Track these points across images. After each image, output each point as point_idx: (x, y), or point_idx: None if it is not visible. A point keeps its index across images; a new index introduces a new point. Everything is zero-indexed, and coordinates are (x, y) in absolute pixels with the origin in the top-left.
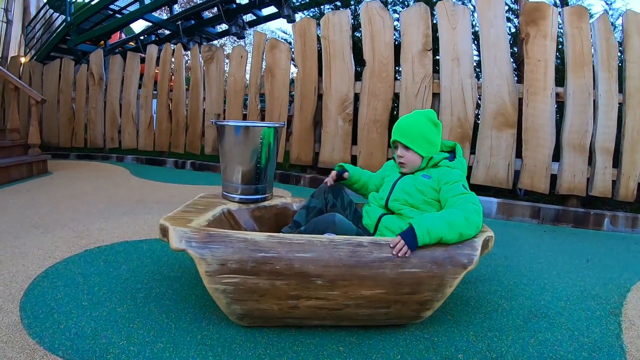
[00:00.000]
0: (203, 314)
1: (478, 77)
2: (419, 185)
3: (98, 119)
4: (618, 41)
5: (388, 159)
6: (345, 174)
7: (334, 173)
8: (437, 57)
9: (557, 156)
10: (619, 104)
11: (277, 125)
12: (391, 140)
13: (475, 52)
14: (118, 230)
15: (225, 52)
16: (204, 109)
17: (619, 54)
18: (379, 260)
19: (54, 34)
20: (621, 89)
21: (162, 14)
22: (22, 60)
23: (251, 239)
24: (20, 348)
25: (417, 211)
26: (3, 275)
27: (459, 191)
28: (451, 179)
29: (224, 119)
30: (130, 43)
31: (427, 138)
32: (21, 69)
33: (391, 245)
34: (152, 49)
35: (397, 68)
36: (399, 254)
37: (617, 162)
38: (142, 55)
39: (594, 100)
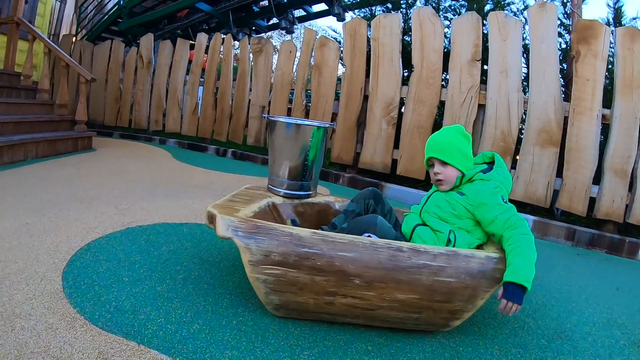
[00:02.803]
0: (239, 300)
1: (525, 92)
2: (450, 199)
3: (144, 101)
4: None
5: None
6: None
7: None
8: (485, 68)
9: (597, 179)
10: None
11: (327, 125)
12: (426, 158)
13: (524, 66)
14: (160, 211)
15: (273, 46)
16: (249, 100)
17: None
18: (416, 267)
19: (106, 16)
20: None
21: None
22: (74, 39)
23: (296, 234)
24: (62, 316)
25: (444, 224)
26: (47, 245)
27: (502, 210)
28: (486, 194)
29: (269, 111)
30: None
31: (462, 151)
32: (72, 48)
33: (500, 308)
34: (202, 37)
35: (444, 75)
36: (510, 314)
37: None
38: (192, 42)
39: None
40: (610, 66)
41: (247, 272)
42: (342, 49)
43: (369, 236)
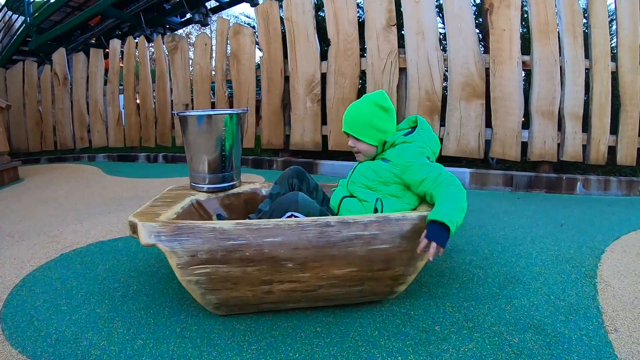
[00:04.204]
0: (181, 306)
1: (444, 50)
2: (375, 167)
3: (66, 119)
4: (583, 8)
5: None
6: None
7: None
8: (402, 32)
9: (526, 124)
10: (586, 69)
11: (239, 111)
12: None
13: (440, 25)
14: (93, 230)
15: (189, 41)
16: (172, 100)
17: (583, 20)
18: (347, 239)
19: (15, 37)
20: (587, 55)
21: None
22: None
23: (219, 227)
24: (4, 359)
25: (372, 193)
26: None
27: (430, 169)
28: (410, 156)
29: (192, 108)
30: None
31: (375, 126)
32: None
33: (420, 248)
34: (115, 44)
35: (362, 45)
36: (431, 257)
37: (586, 126)
38: (106, 50)
39: (560, 67)
40: (525, 14)
41: (178, 276)
42: (257, 33)
43: (291, 215)
